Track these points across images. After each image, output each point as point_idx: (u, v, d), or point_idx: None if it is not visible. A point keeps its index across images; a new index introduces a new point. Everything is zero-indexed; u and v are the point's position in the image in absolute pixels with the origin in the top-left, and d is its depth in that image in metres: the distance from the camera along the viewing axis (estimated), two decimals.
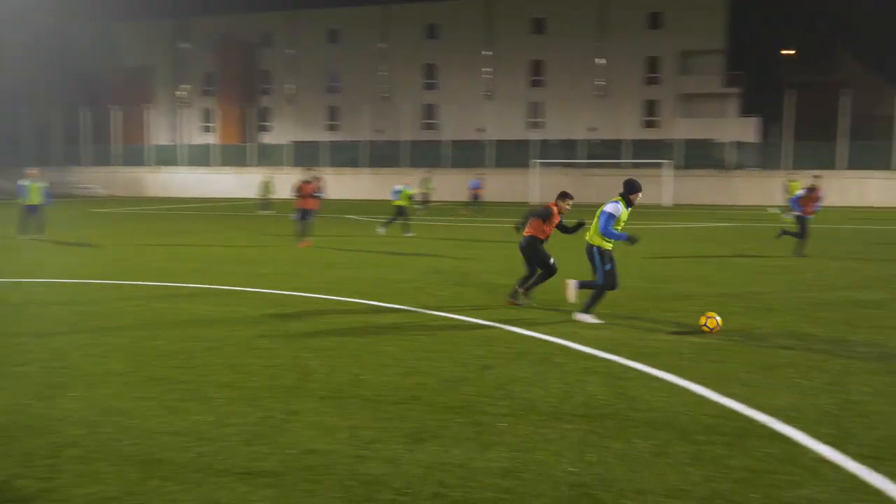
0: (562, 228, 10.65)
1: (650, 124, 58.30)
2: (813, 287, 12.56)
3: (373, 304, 10.57)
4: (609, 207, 9.30)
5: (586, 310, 9.42)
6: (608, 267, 9.37)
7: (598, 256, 9.38)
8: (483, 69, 61.09)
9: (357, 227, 26.14)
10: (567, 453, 5.16)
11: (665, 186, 43.59)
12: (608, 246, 9.40)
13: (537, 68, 60.58)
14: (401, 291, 11.68)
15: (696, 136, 50.61)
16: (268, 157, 55.53)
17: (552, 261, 10.46)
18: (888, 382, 6.80)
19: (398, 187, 22.88)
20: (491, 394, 6.44)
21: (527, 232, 10.56)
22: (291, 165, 53.22)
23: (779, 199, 41.07)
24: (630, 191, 9.36)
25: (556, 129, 57.29)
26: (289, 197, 25.44)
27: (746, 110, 58.66)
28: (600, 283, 9.37)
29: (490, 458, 5.09)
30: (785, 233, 18.16)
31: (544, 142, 50.14)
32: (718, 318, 8.77)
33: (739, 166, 46.52)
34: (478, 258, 16.47)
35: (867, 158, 43.31)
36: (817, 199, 17.59)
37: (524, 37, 60.54)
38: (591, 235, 9.47)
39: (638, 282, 13.01)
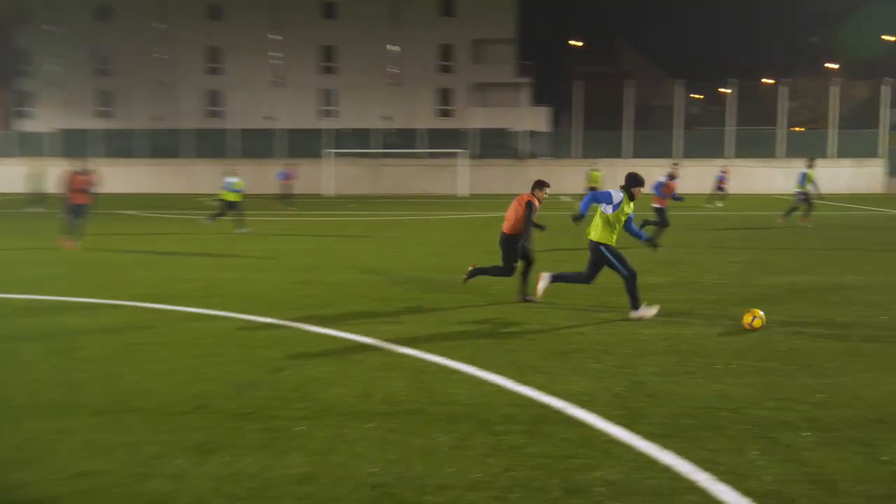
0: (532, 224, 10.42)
1: (445, 113, 59.86)
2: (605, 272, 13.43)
3: (155, 308, 10.00)
4: (613, 191, 9.42)
5: (635, 307, 9.33)
6: (622, 257, 9.39)
7: (606, 254, 9.38)
8: (271, 54, 59.79)
9: (137, 223, 24.67)
10: (368, 453, 5.14)
11: (461, 176, 44.94)
12: (612, 240, 9.43)
13: (329, 54, 60.24)
14: (187, 293, 11.15)
15: (490, 125, 52.56)
16: (29, 146, 51.03)
17: (516, 264, 10.41)
18: (673, 362, 7.40)
19: (230, 179, 21.68)
20: (286, 396, 6.30)
21: (505, 228, 10.40)
22: (57, 155, 49.26)
23: (574, 187, 43.62)
24: (632, 184, 9.44)
25: (349, 117, 57.29)
26: (57, 191, 23.51)
27: (538, 100, 61.88)
28: (625, 276, 9.30)
29: (286, 464, 4.97)
30: (647, 222, 18.01)
31: (338, 131, 49.97)
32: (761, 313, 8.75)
33: (533, 155, 48.89)
34: (275, 255, 16.08)
35: (650, 147, 47.07)
36: (674, 187, 17.51)
37: (314, 21, 59.93)
38: (597, 233, 9.45)
39: (432, 273, 13.29)
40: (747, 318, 8.75)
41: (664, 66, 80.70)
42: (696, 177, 45.35)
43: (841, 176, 46.78)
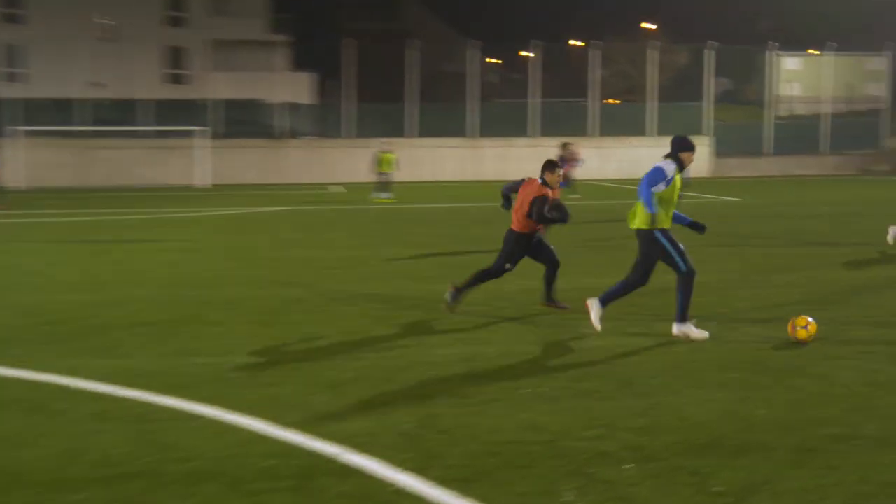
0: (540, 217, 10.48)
1: (177, 79, 58.25)
2: (386, 275, 13.64)
3: None
4: (662, 163, 9.37)
5: (683, 319, 9.29)
6: (680, 247, 9.31)
7: (663, 240, 9.25)
8: None
9: None
10: None
11: (200, 162, 43.85)
12: (667, 222, 9.32)
13: None
14: None
15: (237, 95, 51.73)
16: None
17: (508, 266, 10.75)
18: (472, 389, 7.62)
19: None
20: None
21: (514, 225, 10.69)
22: None
23: (347, 173, 43.85)
24: (682, 148, 9.46)
25: (43, 83, 54.18)
26: None
27: (300, 64, 61.68)
28: (682, 271, 9.26)
29: None
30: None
31: (27, 102, 47.12)
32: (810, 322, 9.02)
33: (294, 134, 48.67)
34: None
35: (439, 123, 48.24)
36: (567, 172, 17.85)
37: None
38: (639, 220, 9.34)
39: (163, 289, 12.94)
40: (802, 334, 8.98)
41: (455, 24, 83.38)
42: (496, 158, 47.09)
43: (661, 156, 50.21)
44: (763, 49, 56.25)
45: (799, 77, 62.72)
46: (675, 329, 9.38)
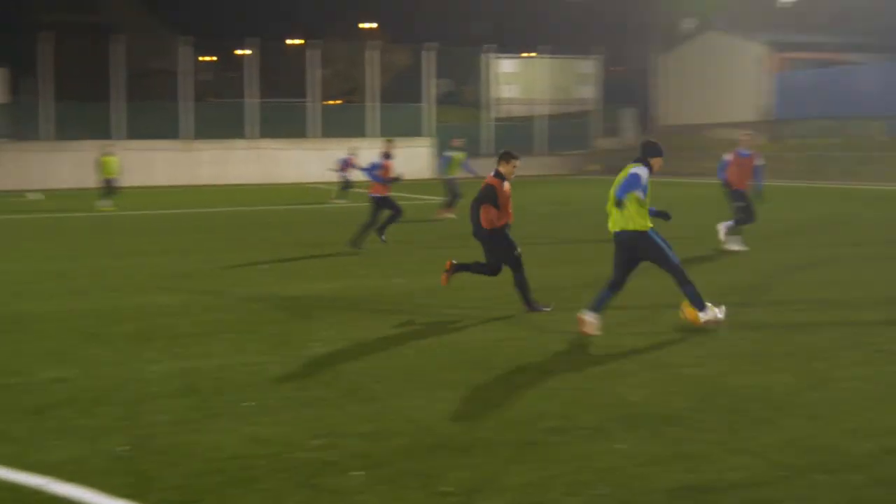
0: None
1: None
2: (96, 289, 13.07)
3: None
4: (636, 169, 9.79)
5: (702, 307, 9.84)
6: (667, 242, 9.84)
7: (656, 239, 9.76)
8: None
9: None
10: None
11: None
12: (649, 223, 9.79)
13: None
14: None
15: None
16: None
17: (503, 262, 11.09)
18: (191, 405, 7.45)
19: None
20: None
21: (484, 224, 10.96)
22: None
23: (48, 178, 41.54)
24: (653, 153, 10.01)
25: None
26: None
27: None
28: (675, 265, 9.74)
29: None
30: (382, 227, 18.08)
31: None
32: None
33: None
34: None
35: (150, 124, 46.65)
36: (391, 168, 17.62)
37: None
38: (633, 221, 9.72)
39: None
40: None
41: (163, 18, 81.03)
42: (212, 162, 46.22)
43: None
44: (480, 51, 58.55)
45: (515, 79, 65.55)
46: (702, 318, 9.91)
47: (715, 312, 9.96)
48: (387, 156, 18.31)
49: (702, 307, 9.92)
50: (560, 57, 63.68)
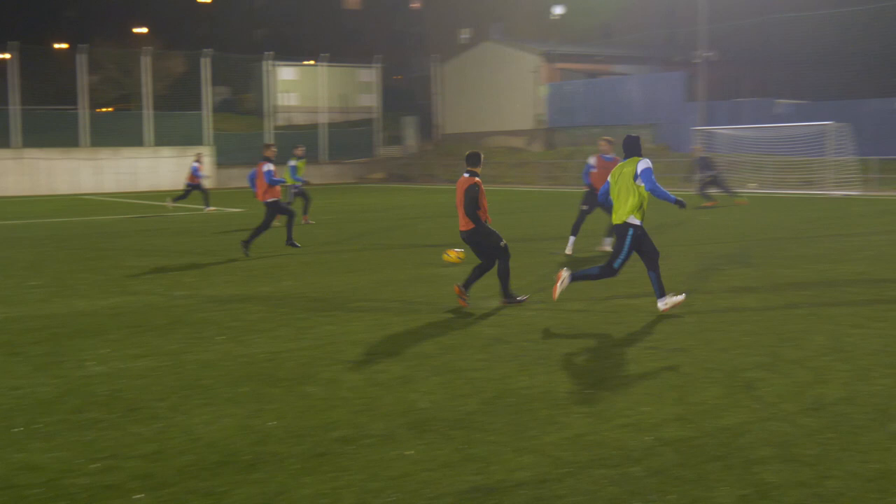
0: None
1: None
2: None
3: None
4: (644, 162, 10.74)
5: (662, 294, 11.04)
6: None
7: (630, 238, 10.86)
8: None
9: None
10: None
11: None
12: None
13: None
14: None
15: None
16: None
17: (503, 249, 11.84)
18: None
19: None
20: None
21: (462, 227, 11.90)
22: None
23: None
24: (640, 146, 11.27)
25: None
26: None
27: None
28: (615, 268, 11.00)
29: None
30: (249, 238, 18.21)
31: None
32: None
33: None
34: None
35: None
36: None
37: None
38: (628, 211, 10.83)
39: None
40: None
41: None
42: None
43: (161, 167, 49.58)
44: (259, 58, 57.89)
45: (296, 87, 65.19)
46: (661, 305, 11.10)
47: (674, 300, 11.18)
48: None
49: (662, 294, 11.17)
50: (340, 65, 63.88)
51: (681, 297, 11.25)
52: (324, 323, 11.09)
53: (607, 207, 12.10)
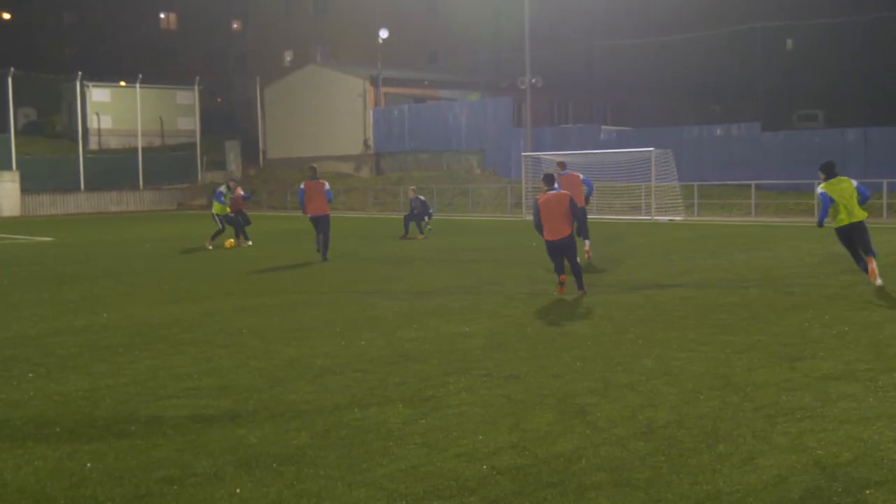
0: None
1: None
2: None
3: None
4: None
5: None
6: None
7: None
8: None
9: None
10: None
11: None
12: None
13: None
14: None
15: None
16: None
17: None
18: None
19: None
20: None
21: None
22: None
23: None
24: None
25: None
26: None
27: None
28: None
29: None
30: None
31: None
32: None
33: None
34: None
35: None
36: None
37: None
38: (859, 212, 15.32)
39: None
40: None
41: None
42: None
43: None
44: (70, 78, 56.07)
45: (110, 109, 63.42)
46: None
47: None
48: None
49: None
50: (157, 86, 62.56)
51: None
52: (144, 357, 10.78)
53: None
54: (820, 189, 15.44)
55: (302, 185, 22.26)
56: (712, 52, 61.64)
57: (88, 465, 6.85)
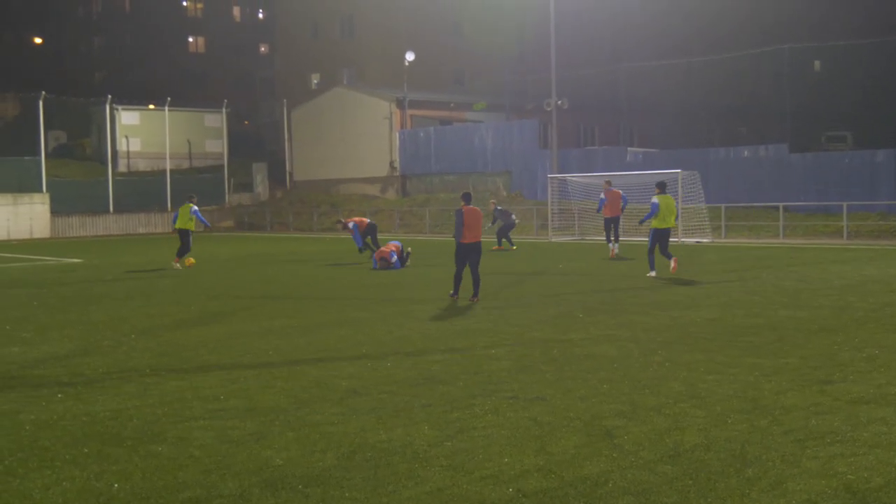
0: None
1: None
2: None
3: None
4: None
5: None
6: None
7: None
8: None
9: None
10: None
11: None
12: None
13: None
14: None
15: None
16: None
17: None
18: None
19: None
20: None
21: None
22: None
23: None
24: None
25: None
26: None
27: None
28: None
29: None
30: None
31: None
32: None
33: None
34: None
35: None
36: None
37: None
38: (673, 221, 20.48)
39: None
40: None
41: None
42: None
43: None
44: (100, 102, 56.59)
45: (139, 132, 63.99)
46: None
47: None
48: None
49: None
50: (186, 109, 63.08)
51: None
52: (170, 378, 10.82)
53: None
54: (655, 199, 21.67)
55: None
56: (739, 74, 61.47)
57: (116, 485, 6.88)
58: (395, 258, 24.89)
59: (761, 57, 58.56)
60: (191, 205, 27.06)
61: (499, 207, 33.23)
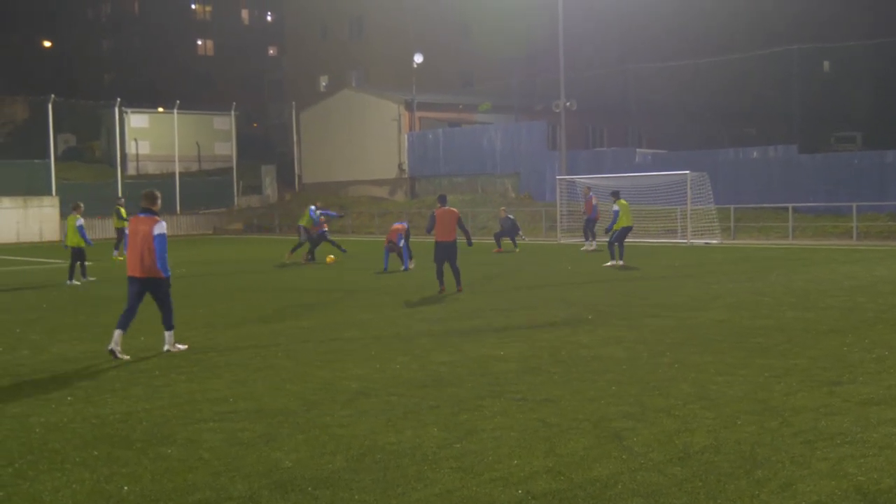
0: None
1: None
2: None
3: None
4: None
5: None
6: None
7: None
8: None
9: None
10: None
11: None
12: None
13: None
14: None
15: None
16: None
17: None
18: None
19: None
20: None
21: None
22: None
23: None
24: None
25: None
26: None
27: None
28: None
29: None
30: None
31: None
32: None
33: None
34: None
35: None
36: None
37: None
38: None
39: None
40: None
41: None
42: None
43: (5, 219, 47.86)
44: (109, 105, 56.69)
45: (148, 135, 64.11)
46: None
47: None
48: None
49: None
50: (194, 112, 63.15)
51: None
52: (180, 380, 10.84)
53: None
54: (615, 206, 25.72)
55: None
56: (748, 75, 61.37)
57: (125, 488, 6.89)
58: (402, 241, 25.08)
59: (770, 58, 58.44)
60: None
61: (510, 216, 33.96)
